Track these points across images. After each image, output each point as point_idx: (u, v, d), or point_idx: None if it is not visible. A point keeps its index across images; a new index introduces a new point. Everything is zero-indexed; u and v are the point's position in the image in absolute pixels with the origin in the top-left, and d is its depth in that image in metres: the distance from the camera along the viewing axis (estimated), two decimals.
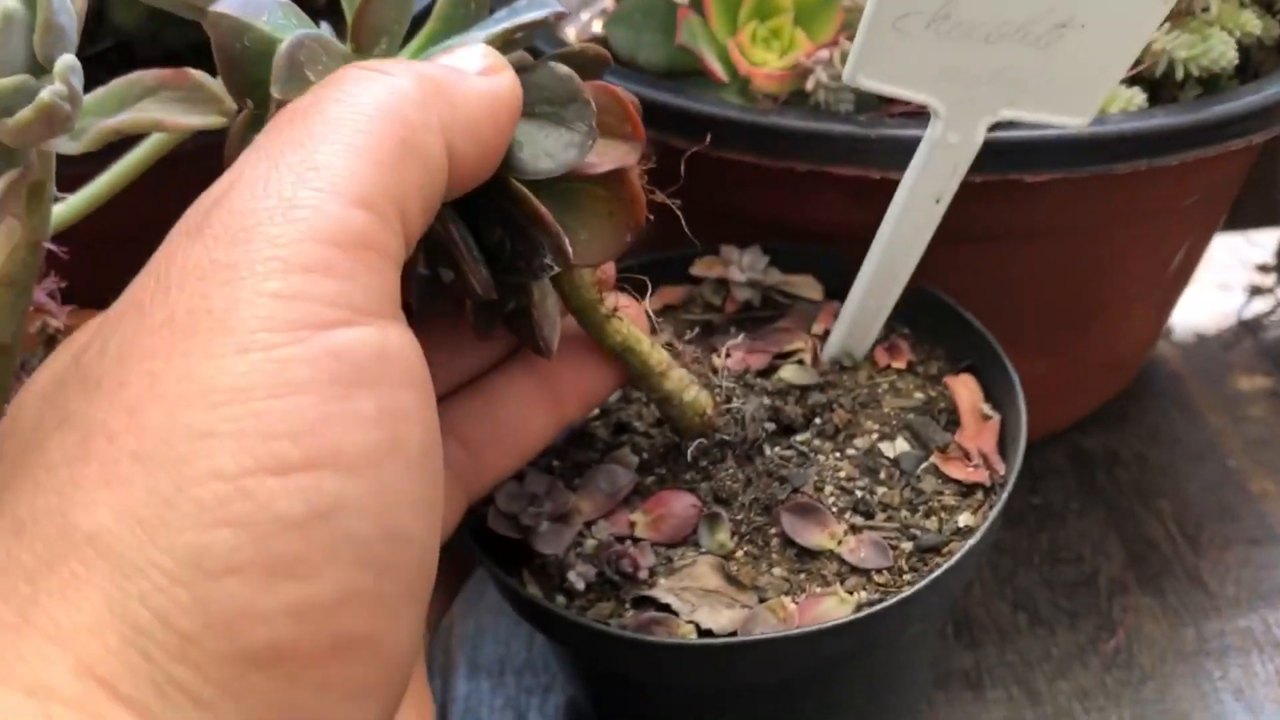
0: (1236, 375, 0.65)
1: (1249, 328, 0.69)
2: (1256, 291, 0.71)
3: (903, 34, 0.34)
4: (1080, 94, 0.36)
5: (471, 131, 0.28)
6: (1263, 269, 0.73)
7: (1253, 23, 0.48)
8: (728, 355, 0.41)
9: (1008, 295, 0.49)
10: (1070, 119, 0.37)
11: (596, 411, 0.41)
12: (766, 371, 0.41)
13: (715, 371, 0.40)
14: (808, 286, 0.45)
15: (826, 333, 0.43)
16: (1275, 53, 0.48)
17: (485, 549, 0.37)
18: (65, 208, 0.36)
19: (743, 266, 0.44)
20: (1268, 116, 0.45)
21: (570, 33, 0.55)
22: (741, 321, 0.44)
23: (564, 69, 0.31)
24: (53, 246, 0.34)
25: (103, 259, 0.38)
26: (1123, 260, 0.52)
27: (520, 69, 0.31)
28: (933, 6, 0.34)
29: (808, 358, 0.42)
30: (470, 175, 0.29)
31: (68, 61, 0.27)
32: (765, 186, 0.46)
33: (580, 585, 0.36)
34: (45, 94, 0.26)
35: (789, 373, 0.41)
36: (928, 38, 0.35)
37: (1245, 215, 0.74)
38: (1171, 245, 0.54)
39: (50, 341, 0.44)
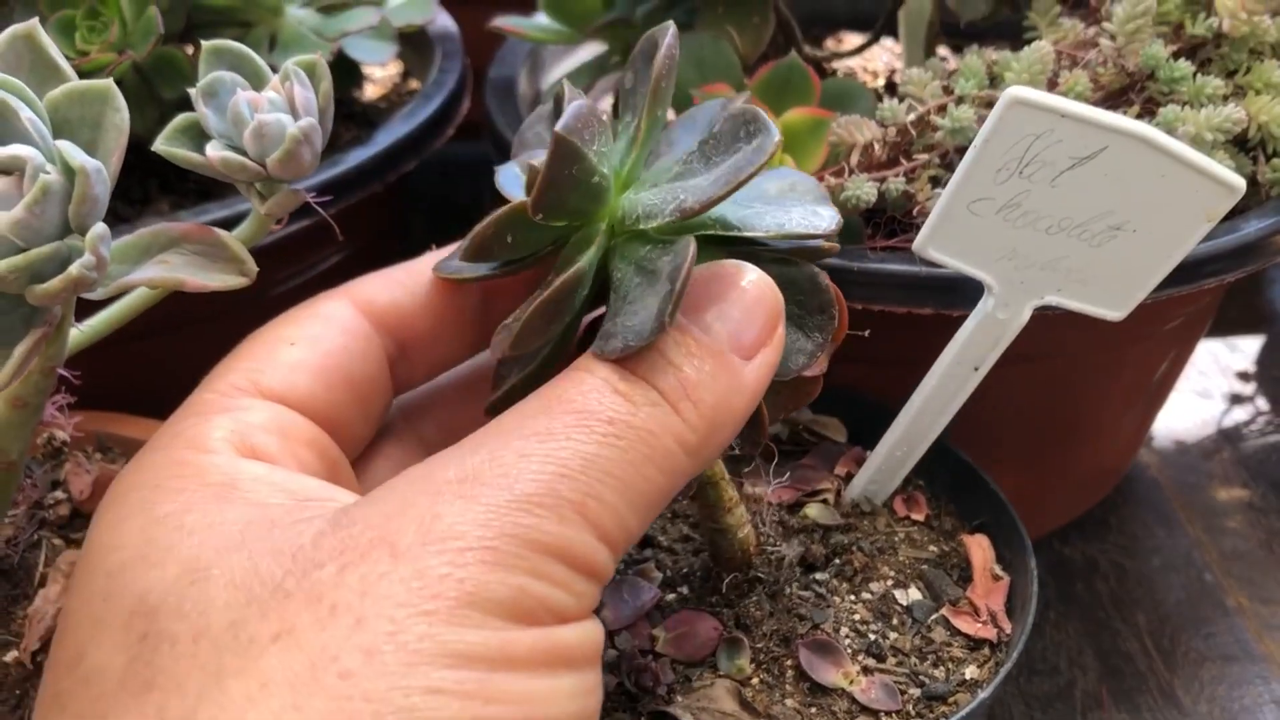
0: (1215, 485, 0.66)
1: (1228, 437, 0.69)
2: (1237, 400, 0.71)
3: (975, 215, 0.37)
4: (1121, 291, 0.39)
5: (727, 438, 0.31)
6: (1243, 377, 0.73)
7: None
8: (771, 492, 0.42)
9: (989, 415, 0.48)
10: (1108, 312, 0.40)
11: None
12: (794, 507, 0.43)
13: (757, 503, 0.41)
14: (834, 428, 0.47)
15: (849, 475, 0.45)
16: (1249, 186, 0.47)
17: None
18: (79, 334, 0.36)
19: None
20: (1242, 256, 0.45)
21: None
22: (767, 455, 0.46)
23: (824, 278, 0.32)
24: (65, 372, 0.34)
25: (107, 357, 0.38)
26: (1105, 380, 0.53)
27: (776, 260, 0.32)
28: (1006, 195, 0.37)
29: (831, 498, 0.44)
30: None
31: (99, 232, 0.28)
32: None
33: None
34: (74, 268, 0.28)
35: (814, 511, 0.43)
36: (996, 222, 0.37)
37: (1229, 321, 0.75)
38: (1154, 362, 0.55)
39: (56, 453, 0.44)
